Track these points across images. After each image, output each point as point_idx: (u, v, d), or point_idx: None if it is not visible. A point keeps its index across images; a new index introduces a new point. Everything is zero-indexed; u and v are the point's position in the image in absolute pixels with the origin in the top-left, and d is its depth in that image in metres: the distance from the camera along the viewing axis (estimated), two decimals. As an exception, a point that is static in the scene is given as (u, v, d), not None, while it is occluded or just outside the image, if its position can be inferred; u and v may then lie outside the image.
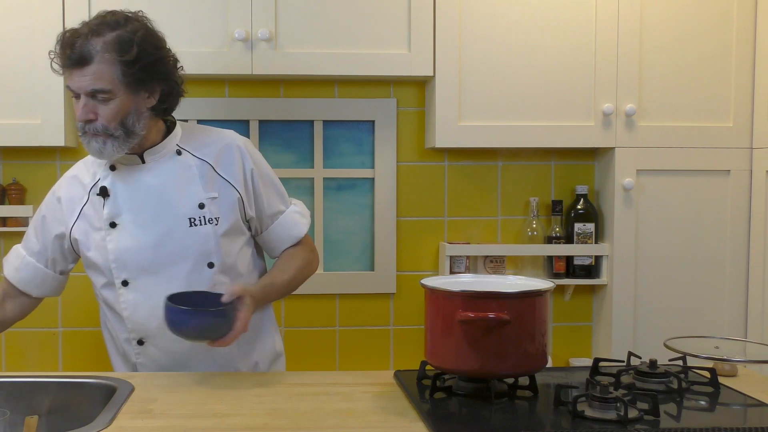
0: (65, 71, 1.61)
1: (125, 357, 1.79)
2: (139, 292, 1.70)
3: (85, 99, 1.59)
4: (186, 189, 1.71)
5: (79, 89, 1.59)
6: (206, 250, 1.71)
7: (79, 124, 1.62)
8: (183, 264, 1.69)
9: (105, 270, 1.72)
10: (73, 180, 1.77)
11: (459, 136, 2.38)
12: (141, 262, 1.69)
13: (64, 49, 1.59)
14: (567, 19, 2.39)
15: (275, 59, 2.32)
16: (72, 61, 1.57)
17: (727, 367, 1.63)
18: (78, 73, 1.58)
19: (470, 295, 1.42)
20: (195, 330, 1.55)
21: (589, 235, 2.54)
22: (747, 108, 2.45)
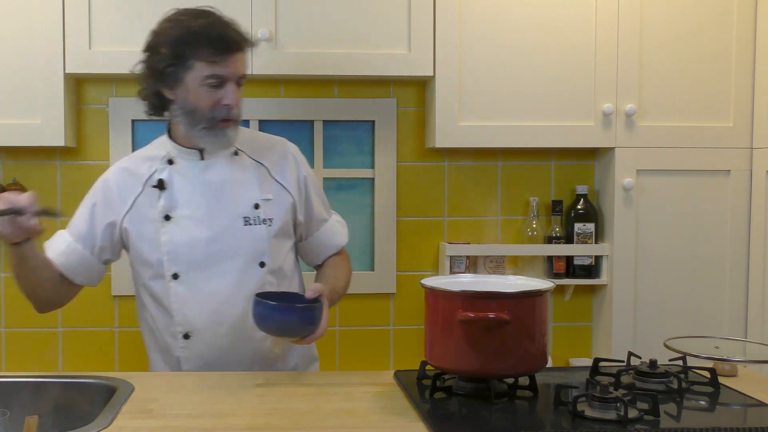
0: (217, 59, 1.62)
1: (166, 352, 1.77)
2: (188, 286, 1.71)
3: (233, 85, 1.65)
4: (243, 189, 1.74)
5: (232, 75, 1.64)
6: (259, 250, 1.73)
7: (221, 112, 1.65)
8: (235, 261, 1.72)
9: (155, 263, 1.73)
10: (124, 171, 1.78)
11: (459, 136, 2.38)
12: (194, 256, 1.70)
13: (225, 34, 1.63)
14: (567, 18, 2.39)
15: (275, 59, 2.32)
16: (232, 48, 1.63)
17: (727, 367, 1.63)
18: (233, 59, 1.63)
19: (470, 295, 1.42)
20: (282, 325, 1.55)
21: (589, 235, 2.54)
22: (747, 108, 2.45)
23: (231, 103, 1.66)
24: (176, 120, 1.72)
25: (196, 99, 1.65)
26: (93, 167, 2.54)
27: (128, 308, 2.56)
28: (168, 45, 1.64)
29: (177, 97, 1.68)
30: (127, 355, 2.57)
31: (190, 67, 1.63)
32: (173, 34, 1.64)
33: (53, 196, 2.53)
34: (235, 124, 1.70)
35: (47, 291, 1.73)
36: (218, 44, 1.62)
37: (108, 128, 2.53)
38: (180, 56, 1.63)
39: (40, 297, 1.74)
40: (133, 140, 2.54)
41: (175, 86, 1.67)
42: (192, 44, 1.62)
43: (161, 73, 1.66)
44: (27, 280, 1.69)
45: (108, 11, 2.29)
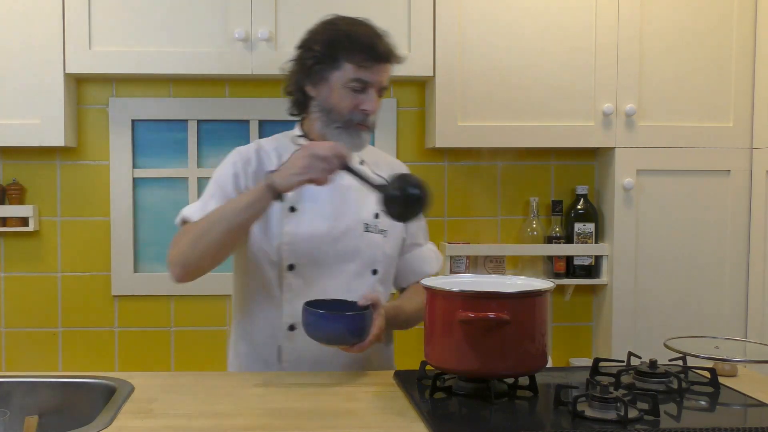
0: (366, 64, 1.67)
1: (264, 344, 1.76)
2: (302, 279, 1.72)
3: (374, 92, 1.70)
4: (366, 196, 1.76)
5: (376, 83, 1.70)
6: (374, 257, 1.76)
7: (358, 116, 1.69)
8: (351, 264, 1.74)
9: (272, 251, 1.72)
10: (259, 153, 1.78)
11: (459, 136, 2.38)
12: (313, 251, 1.72)
13: (377, 42, 1.69)
14: (567, 19, 2.39)
15: (275, 59, 2.30)
16: (382, 57, 1.69)
17: (727, 367, 1.63)
18: (380, 69, 1.69)
19: (470, 295, 1.42)
20: (330, 333, 1.56)
21: (589, 235, 2.54)
22: (747, 108, 2.45)
23: (369, 109, 1.70)
24: (314, 116, 1.75)
25: (336, 99, 1.70)
26: (93, 167, 2.54)
27: (128, 308, 2.56)
28: (323, 43, 1.70)
29: (319, 95, 1.73)
30: (127, 355, 2.57)
31: (339, 68, 1.69)
32: (330, 34, 1.71)
33: (53, 196, 2.53)
34: (368, 131, 1.74)
35: (224, 257, 1.68)
36: (370, 51, 1.68)
37: (108, 128, 2.53)
38: (332, 55, 1.69)
39: (216, 261, 1.67)
40: (133, 140, 2.54)
41: (320, 84, 1.72)
42: (346, 46, 1.68)
43: (309, 70, 1.72)
44: (227, 243, 1.63)
45: (108, 11, 2.29)
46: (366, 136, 1.74)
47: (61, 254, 2.54)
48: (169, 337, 2.58)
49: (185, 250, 1.63)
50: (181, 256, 1.63)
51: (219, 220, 1.60)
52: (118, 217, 2.53)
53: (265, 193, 1.56)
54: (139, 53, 2.31)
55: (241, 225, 1.60)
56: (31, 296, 2.54)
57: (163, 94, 2.55)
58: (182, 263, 1.63)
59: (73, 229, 2.54)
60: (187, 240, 1.64)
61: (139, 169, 2.55)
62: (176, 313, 2.58)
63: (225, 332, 2.59)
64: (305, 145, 1.56)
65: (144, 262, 2.56)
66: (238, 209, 1.59)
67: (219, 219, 1.60)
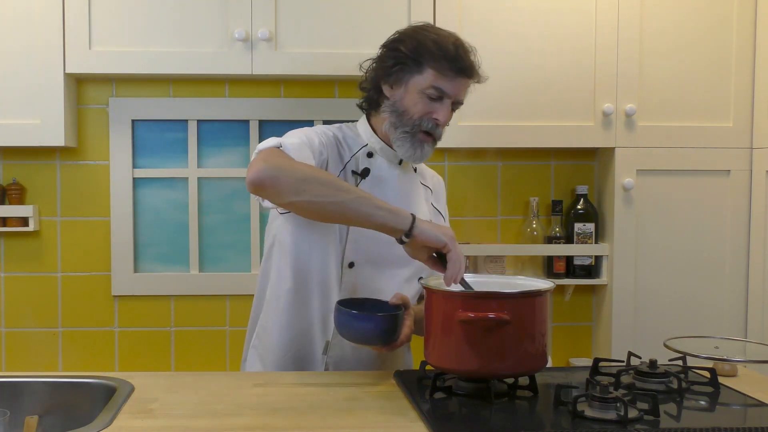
0: (448, 75, 1.67)
1: (312, 340, 1.75)
2: (360, 278, 1.73)
3: (449, 104, 1.70)
4: (420, 203, 1.81)
5: (454, 95, 1.69)
6: (423, 264, 1.72)
7: (428, 124, 1.68)
8: (405, 269, 1.76)
9: (331, 245, 1.72)
10: (334, 140, 1.75)
11: (459, 136, 2.38)
12: (373, 252, 1.73)
13: (463, 56, 1.69)
14: (567, 19, 2.39)
15: (275, 59, 2.32)
16: (465, 71, 1.69)
17: (727, 367, 1.63)
18: (460, 82, 1.69)
19: (470, 295, 1.42)
20: (362, 334, 1.56)
21: (589, 235, 2.54)
22: (747, 108, 2.45)
23: (441, 120, 1.69)
24: (383, 116, 1.74)
25: (411, 103, 1.69)
26: (93, 167, 2.54)
27: (128, 308, 2.56)
28: (410, 45, 1.69)
29: (393, 96, 1.72)
30: (127, 355, 2.57)
31: (420, 72, 1.68)
32: (418, 38, 1.70)
33: (53, 196, 2.53)
34: (432, 144, 1.72)
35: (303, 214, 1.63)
36: (455, 62, 1.68)
37: (108, 128, 2.53)
38: (416, 59, 1.68)
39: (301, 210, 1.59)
40: (133, 140, 2.54)
41: (397, 85, 1.71)
42: (432, 52, 1.67)
43: (390, 69, 1.71)
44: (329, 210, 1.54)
45: (108, 11, 2.29)
46: (429, 149, 1.72)
47: (61, 254, 2.54)
48: (169, 337, 2.58)
49: (295, 171, 1.50)
50: (284, 172, 1.49)
51: (349, 190, 1.52)
52: (118, 217, 2.53)
53: (405, 216, 1.51)
54: (139, 53, 2.31)
55: (363, 211, 1.51)
56: (31, 296, 2.54)
57: (163, 94, 2.55)
58: (277, 175, 1.48)
59: (73, 229, 2.54)
60: (304, 168, 1.52)
61: (139, 169, 2.55)
62: (176, 313, 2.58)
63: (225, 332, 2.59)
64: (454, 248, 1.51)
65: (144, 262, 2.56)
66: (373, 205, 1.51)
67: (350, 189, 1.52)
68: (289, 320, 1.76)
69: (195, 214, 2.56)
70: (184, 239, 2.57)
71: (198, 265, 2.57)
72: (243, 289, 2.56)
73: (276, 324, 1.77)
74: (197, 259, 2.57)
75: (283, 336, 1.77)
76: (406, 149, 1.70)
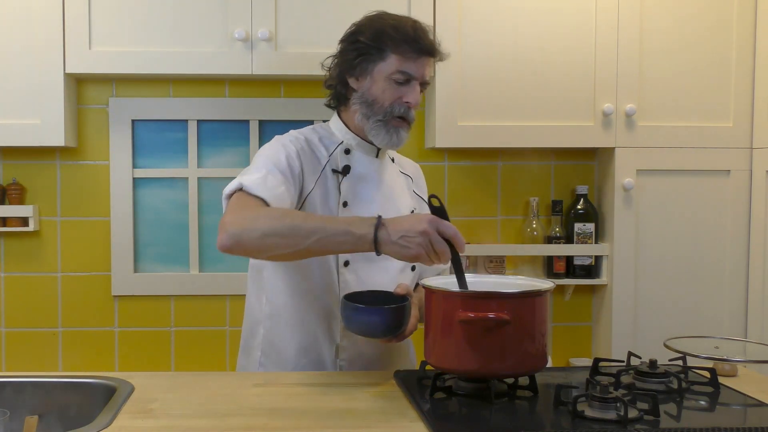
0: (411, 56, 1.68)
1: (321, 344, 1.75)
2: (355, 275, 1.74)
3: (417, 85, 1.71)
4: (403, 193, 1.83)
5: (422, 76, 1.70)
6: None
7: (400, 108, 1.69)
8: (396, 260, 1.73)
9: None
10: (306, 145, 1.75)
11: (459, 136, 2.38)
12: None
13: (422, 36, 1.69)
14: (567, 18, 2.39)
15: (275, 59, 2.32)
16: (426, 50, 1.70)
17: (727, 367, 1.63)
18: (424, 62, 1.70)
19: (470, 295, 1.42)
20: (368, 327, 1.55)
21: (589, 235, 2.54)
22: (747, 108, 2.45)
23: (412, 102, 1.70)
24: (354, 109, 1.75)
25: (379, 91, 1.70)
26: (93, 167, 2.54)
27: (128, 308, 2.56)
28: (369, 34, 1.70)
29: (361, 87, 1.72)
30: (127, 355, 2.57)
31: (383, 59, 1.69)
32: (376, 26, 1.71)
33: (53, 196, 2.53)
34: (408, 126, 1.73)
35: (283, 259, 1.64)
36: (416, 43, 1.68)
37: (108, 128, 2.53)
38: (377, 47, 1.69)
39: (277, 259, 1.65)
40: (133, 140, 2.54)
41: (362, 76, 1.72)
42: (392, 37, 1.68)
43: (353, 62, 1.72)
44: (301, 254, 1.54)
45: (108, 11, 2.29)
46: (404, 134, 1.73)
47: (61, 254, 2.54)
48: (169, 337, 2.58)
49: (254, 230, 1.49)
50: (245, 234, 1.49)
51: (312, 230, 1.47)
52: (118, 217, 2.53)
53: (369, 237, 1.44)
54: (139, 53, 2.31)
55: (331, 248, 1.51)
56: (31, 296, 2.54)
57: (163, 94, 2.55)
58: (241, 240, 1.49)
59: (73, 229, 2.54)
60: (261, 224, 1.50)
61: (139, 169, 2.55)
62: (176, 313, 2.58)
63: (225, 332, 2.59)
64: (431, 218, 1.44)
65: (144, 262, 2.56)
66: (338, 231, 1.46)
67: (312, 230, 1.47)
68: (294, 332, 1.76)
69: (195, 214, 2.56)
70: (184, 239, 2.57)
71: (198, 265, 2.57)
72: (243, 289, 2.53)
73: (283, 339, 1.77)
74: (197, 259, 2.57)
75: (291, 348, 1.77)
76: (382, 137, 1.71)
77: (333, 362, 1.76)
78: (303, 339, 1.75)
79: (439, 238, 1.42)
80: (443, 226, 1.43)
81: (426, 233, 1.42)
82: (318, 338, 1.75)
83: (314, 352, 1.75)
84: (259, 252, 1.53)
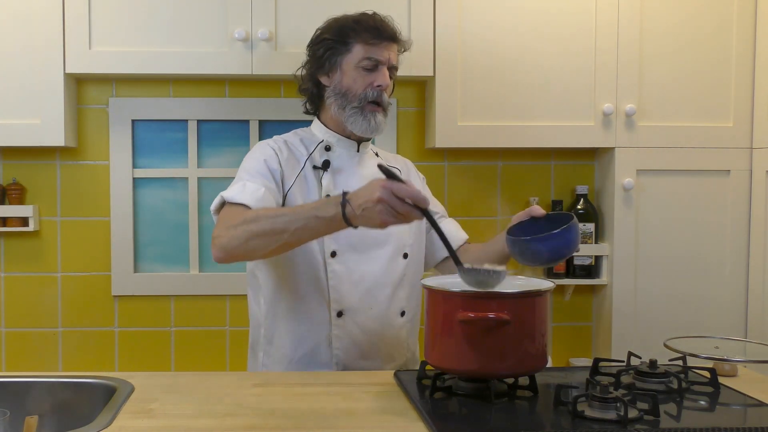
0: (374, 42, 1.77)
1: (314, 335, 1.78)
2: (344, 265, 1.78)
3: (385, 70, 1.79)
4: None
5: (386, 60, 1.79)
6: (403, 241, 1.85)
7: (372, 93, 1.77)
8: (384, 249, 1.82)
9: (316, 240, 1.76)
10: (286, 145, 1.84)
11: (459, 136, 2.38)
12: (351, 238, 1.77)
13: (382, 23, 1.80)
14: (567, 18, 2.39)
15: (275, 59, 2.32)
16: (388, 35, 1.79)
17: (727, 367, 1.63)
18: (388, 47, 1.80)
19: (470, 295, 1.42)
20: (569, 246, 1.55)
21: (589, 235, 2.54)
22: (747, 108, 2.45)
23: (382, 84, 1.77)
24: (328, 103, 1.83)
25: (350, 81, 1.78)
26: (93, 167, 2.54)
27: (128, 308, 2.56)
28: (332, 31, 1.81)
29: (332, 82, 1.81)
30: (127, 355, 2.57)
31: (349, 50, 1.78)
32: (340, 23, 1.82)
33: (53, 196, 2.53)
34: (383, 112, 1.81)
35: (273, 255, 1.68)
36: (376, 31, 1.78)
37: (108, 128, 2.53)
38: (342, 40, 1.79)
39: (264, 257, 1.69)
40: (133, 140, 2.54)
41: (332, 71, 1.81)
42: (353, 29, 1.79)
43: (321, 59, 1.81)
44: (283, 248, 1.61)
45: (108, 11, 2.29)
46: (381, 118, 1.80)
47: (61, 254, 2.54)
48: (169, 337, 2.58)
49: (237, 238, 1.58)
50: (231, 243, 1.59)
51: (285, 224, 1.54)
52: (118, 217, 2.53)
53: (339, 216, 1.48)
54: (139, 53, 2.30)
55: (308, 236, 1.57)
56: (31, 296, 2.54)
57: (163, 94, 2.55)
58: (228, 250, 1.60)
59: (73, 229, 2.54)
60: (241, 231, 1.58)
61: (139, 169, 2.55)
62: (176, 313, 2.58)
63: (225, 332, 2.59)
64: (383, 183, 1.44)
65: (144, 262, 2.56)
66: (308, 217, 1.52)
67: (285, 224, 1.54)
68: (289, 325, 1.80)
69: (195, 214, 2.56)
70: (184, 239, 2.57)
71: (198, 265, 2.57)
72: (243, 289, 2.55)
73: (279, 335, 1.82)
74: (197, 259, 2.57)
75: (287, 342, 1.81)
76: (360, 123, 1.78)
77: (327, 351, 1.78)
78: (297, 331, 1.80)
79: (397, 201, 1.42)
80: (397, 189, 1.42)
81: (381, 200, 1.42)
82: (311, 329, 1.79)
83: (309, 343, 1.79)
84: (247, 255, 1.64)
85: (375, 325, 1.80)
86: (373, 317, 1.79)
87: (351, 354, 1.78)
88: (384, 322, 1.81)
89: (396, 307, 1.83)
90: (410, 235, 1.87)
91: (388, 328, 1.81)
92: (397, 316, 1.83)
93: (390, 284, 1.82)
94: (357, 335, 1.79)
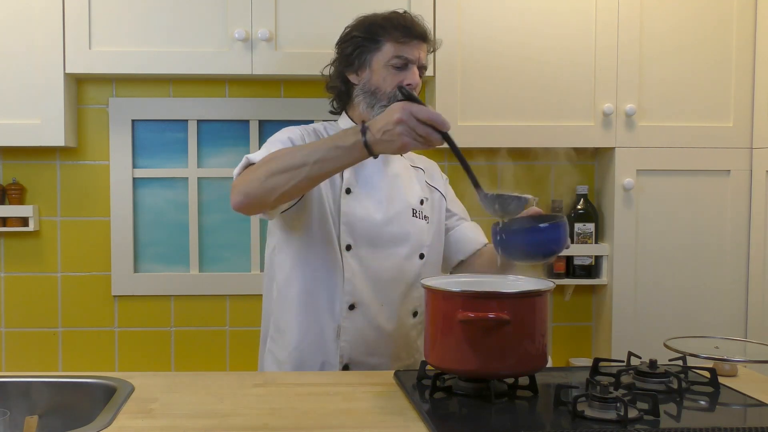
0: (405, 40, 1.75)
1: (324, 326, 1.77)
2: (358, 260, 1.77)
3: (415, 69, 1.78)
4: (412, 183, 1.87)
5: (417, 59, 1.77)
6: (421, 241, 1.84)
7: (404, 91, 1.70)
8: (402, 247, 1.80)
9: (327, 230, 1.76)
10: (313, 132, 1.83)
11: (459, 136, 2.36)
12: (368, 233, 1.77)
13: (412, 22, 1.78)
14: (567, 18, 2.39)
15: (275, 59, 2.32)
16: (418, 34, 1.77)
17: (727, 367, 1.63)
18: (418, 46, 1.78)
19: (470, 295, 1.42)
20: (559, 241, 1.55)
21: (589, 235, 2.54)
22: (747, 108, 2.45)
23: (412, 83, 1.75)
24: (357, 101, 1.81)
25: (380, 79, 1.76)
26: (93, 167, 2.54)
27: (128, 308, 2.56)
28: (362, 29, 1.79)
29: (361, 80, 1.79)
30: (127, 355, 2.57)
31: (379, 48, 1.76)
32: (369, 21, 1.80)
33: (53, 196, 2.53)
34: None
35: (292, 197, 1.64)
36: (406, 29, 1.76)
37: (108, 128, 2.53)
38: (372, 38, 1.77)
39: (281, 200, 1.61)
40: (133, 140, 2.54)
41: (362, 69, 1.79)
42: (384, 27, 1.76)
43: (350, 57, 1.79)
44: (304, 184, 1.56)
45: (108, 11, 2.29)
46: None
47: (61, 254, 2.54)
48: (169, 337, 2.58)
49: (256, 179, 1.56)
50: (250, 185, 1.57)
51: (304, 158, 1.51)
52: (118, 217, 2.53)
53: (359, 144, 1.46)
54: (139, 53, 2.31)
55: (329, 168, 1.52)
56: (31, 296, 2.54)
57: (163, 94, 2.55)
58: (247, 192, 1.57)
59: (73, 229, 2.54)
60: (260, 172, 1.56)
61: (139, 169, 2.55)
62: (176, 313, 2.58)
63: (225, 332, 2.59)
64: (403, 105, 1.42)
65: (144, 262, 2.56)
66: (328, 148, 1.49)
67: (304, 157, 1.51)
68: (298, 311, 1.80)
69: (195, 214, 2.56)
70: (184, 239, 2.57)
71: (198, 265, 2.57)
72: (243, 289, 2.56)
73: (289, 323, 1.81)
74: (197, 259, 2.57)
75: (294, 328, 1.80)
76: None
77: (334, 342, 1.78)
78: (306, 318, 1.79)
79: (416, 122, 1.42)
80: (416, 110, 1.42)
81: (401, 121, 1.41)
82: (320, 318, 1.78)
83: (316, 331, 1.78)
84: (266, 196, 1.56)
85: (386, 322, 1.79)
86: (384, 314, 1.79)
87: (358, 349, 1.78)
88: (395, 320, 1.81)
89: (409, 307, 1.83)
90: (429, 236, 1.86)
91: (398, 326, 1.81)
92: (409, 315, 1.83)
93: (404, 283, 1.81)
94: (366, 330, 1.78)
